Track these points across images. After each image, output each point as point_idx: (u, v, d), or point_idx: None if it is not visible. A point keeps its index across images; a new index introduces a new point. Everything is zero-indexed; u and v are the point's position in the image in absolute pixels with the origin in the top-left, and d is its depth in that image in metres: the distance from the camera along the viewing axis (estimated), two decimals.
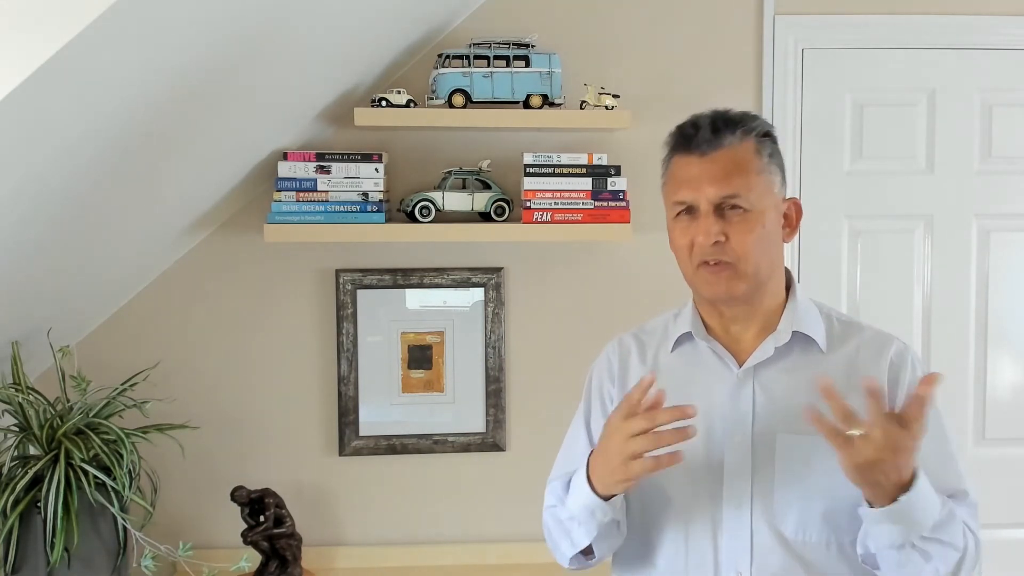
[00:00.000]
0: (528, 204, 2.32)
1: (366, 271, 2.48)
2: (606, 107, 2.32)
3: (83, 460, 2.01)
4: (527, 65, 2.31)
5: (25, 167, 1.49)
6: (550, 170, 2.32)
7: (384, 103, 2.29)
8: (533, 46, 2.33)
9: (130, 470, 2.07)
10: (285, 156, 2.30)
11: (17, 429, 2.09)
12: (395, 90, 2.30)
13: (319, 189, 2.29)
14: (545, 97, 2.32)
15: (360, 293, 2.48)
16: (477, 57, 2.31)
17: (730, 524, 1.47)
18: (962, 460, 1.50)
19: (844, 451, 1.29)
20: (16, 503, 1.98)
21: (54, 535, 1.98)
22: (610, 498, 1.44)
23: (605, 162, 2.34)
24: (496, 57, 2.31)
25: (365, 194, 2.30)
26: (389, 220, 2.35)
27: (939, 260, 2.61)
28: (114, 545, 2.11)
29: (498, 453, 2.53)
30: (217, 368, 2.48)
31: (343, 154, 2.31)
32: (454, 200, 2.35)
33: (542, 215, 2.32)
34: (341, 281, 2.47)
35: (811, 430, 1.32)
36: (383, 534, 2.52)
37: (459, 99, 2.29)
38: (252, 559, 2.29)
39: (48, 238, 1.81)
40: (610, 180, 2.33)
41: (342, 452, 2.50)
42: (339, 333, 2.48)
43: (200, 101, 1.77)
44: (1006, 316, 2.64)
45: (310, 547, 2.40)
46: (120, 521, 2.08)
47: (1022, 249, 2.64)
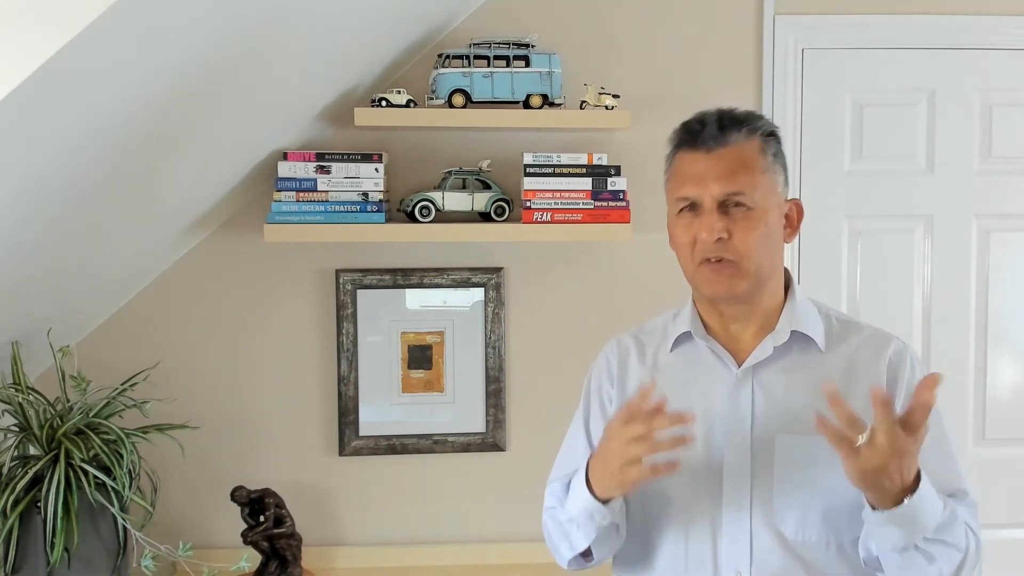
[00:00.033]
0: (528, 204, 2.32)
1: (366, 271, 2.48)
2: (606, 107, 2.32)
3: (83, 460, 2.01)
4: (527, 65, 2.31)
5: (25, 167, 1.49)
6: (550, 170, 2.32)
7: (384, 103, 2.29)
8: (533, 46, 2.33)
9: (130, 470, 2.07)
10: (285, 156, 2.30)
11: (17, 429, 2.09)
12: (395, 90, 2.30)
13: (319, 189, 2.29)
14: (545, 97, 2.32)
15: (360, 293, 2.48)
16: (477, 57, 2.31)
17: (730, 524, 1.47)
18: (962, 460, 1.50)
19: (850, 457, 1.28)
20: (16, 503, 1.98)
21: (54, 535, 1.98)
22: (609, 501, 1.44)
23: (605, 162, 2.34)
24: (496, 57, 2.31)
25: (365, 194, 2.30)
26: (389, 220, 2.35)
27: (939, 260, 2.61)
28: (114, 545, 2.11)
29: (498, 453, 2.53)
30: (217, 368, 2.48)
31: (343, 154, 2.31)
32: (454, 200, 2.35)
33: (542, 215, 2.32)
34: (341, 281, 2.47)
35: (810, 430, 1.31)
36: (383, 534, 2.53)
37: (459, 99, 2.29)
38: (252, 559, 2.29)
39: (48, 238, 1.81)
40: (610, 180, 2.33)
41: (342, 452, 2.50)
42: (339, 333, 2.48)
43: (200, 101, 1.77)
44: (1006, 316, 2.64)
45: (310, 547, 2.40)
46: (120, 521, 2.08)
47: (1022, 249, 2.64)
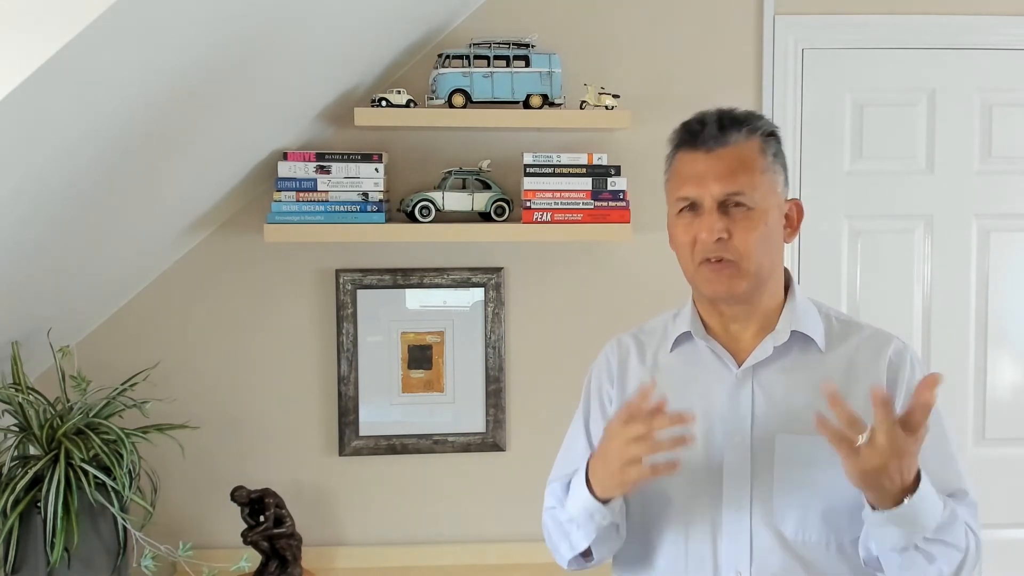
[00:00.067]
0: (528, 204, 2.32)
1: (366, 271, 2.48)
2: (606, 107, 2.32)
3: (83, 460, 2.01)
4: (527, 65, 2.31)
5: (25, 167, 1.49)
6: (550, 170, 2.32)
7: (384, 103, 2.29)
8: (533, 46, 2.33)
9: (130, 470, 2.07)
10: (285, 156, 2.30)
11: (17, 429, 2.09)
12: (395, 90, 2.30)
13: (319, 189, 2.29)
14: (545, 97, 2.32)
15: (360, 293, 2.48)
16: (477, 57, 2.31)
17: (730, 524, 1.47)
18: (962, 460, 1.50)
19: (850, 458, 1.28)
20: (16, 503, 1.98)
21: (54, 535, 1.98)
22: (609, 501, 1.43)
23: (605, 162, 2.34)
24: (496, 57, 2.31)
25: (365, 194, 2.30)
26: (389, 220, 2.35)
27: (939, 260, 2.61)
28: (114, 545, 2.11)
29: (498, 453, 2.53)
30: (217, 368, 2.48)
31: (343, 154, 2.31)
32: (454, 200, 2.35)
33: (542, 215, 2.32)
34: (341, 281, 2.47)
35: (810, 430, 1.31)
36: (383, 534, 2.52)
37: (459, 99, 2.29)
38: (252, 559, 2.29)
39: (48, 238, 1.81)
40: (610, 180, 2.33)
41: (342, 452, 2.50)
42: (339, 333, 2.48)
43: (200, 101, 1.77)
44: (1006, 316, 2.64)
45: (310, 547, 2.40)
46: (120, 521, 2.08)
47: (1022, 249, 2.64)
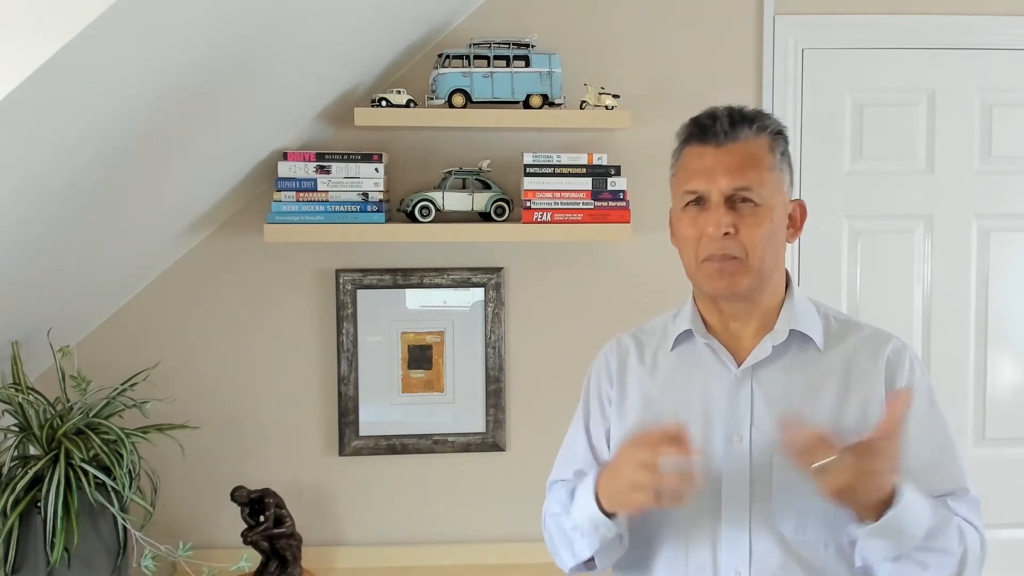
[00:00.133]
0: (528, 204, 2.32)
1: (366, 271, 2.48)
2: (606, 107, 2.32)
3: (83, 460, 2.01)
4: (527, 65, 2.31)
5: (25, 167, 1.49)
6: (550, 170, 2.32)
7: (384, 103, 2.29)
8: (533, 46, 2.33)
9: (130, 470, 2.07)
10: (285, 156, 2.30)
11: (17, 429, 2.09)
12: (395, 90, 2.30)
13: (319, 189, 2.29)
14: (545, 97, 2.32)
15: (360, 293, 2.48)
16: (477, 57, 2.31)
17: (729, 525, 1.47)
18: (964, 456, 1.51)
19: (818, 479, 1.31)
20: (16, 503, 1.98)
21: (54, 535, 1.97)
22: (615, 515, 1.43)
23: (605, 162, 2.34)
24: (496, 57, 2.31)
25: (365, 194, 2.30)
26: (389, 220, 2.35)
27: (939, 260, 2.61)
28: (114, 545, 2.11)
29: (498, 453, 2.53)
30: (217, 368, 2.48)
31: (343, 154, 2.31)
32: (454, 200, 2.35)
33: (542, 215, 2.32)
34: (341, 281, 2.47)
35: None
36: (383, 534, 2.52)
37: (459, 99, 2.29)
38: (252, 559, 2.29)
39: (48, 238, 1.81)
40: (610, 180, 2.33)
41: (342, 452, 2.50)
42: (339, 333, 2.48)
43: (200, 101, 1.77)
44: (1006, 316, 2.64)
45: (310, 547, 2.40)
46: (120, 521, 2.08)
47: (1022, 249, 2.64)
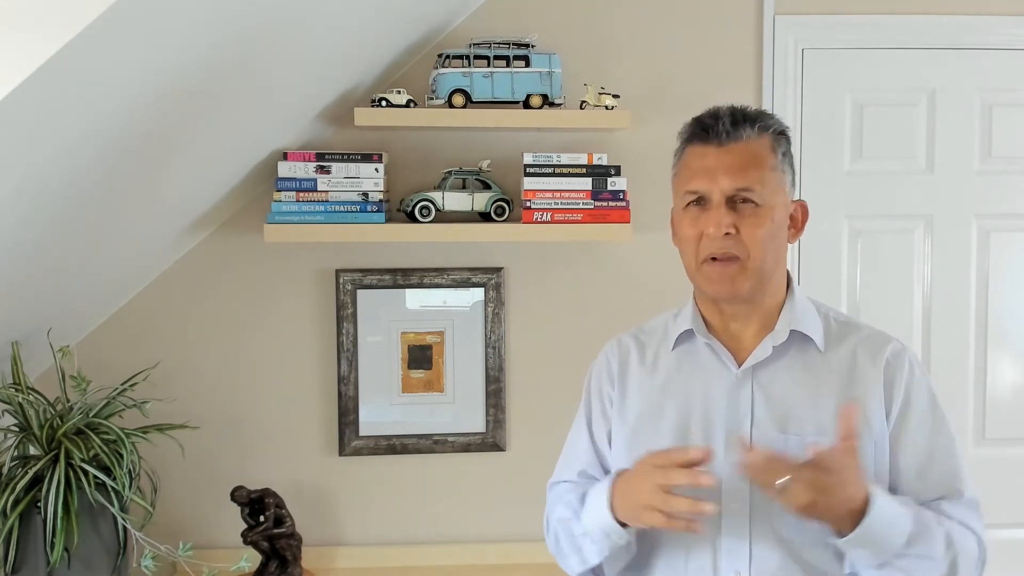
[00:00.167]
0: (528, 204, 2.32)
1: (366, 271, 2.48)
2: (606, 107, 2.32)
3: (83, 460, 2.01)
4: (527, 65, 2.31)
5: (25, 167, 1.49)
6: (550, 170, 2.32)
7: (384, 103, 2.29)
8: (533, 46, 2.33)
9: (130, 470, 2.07)
10: (285, 156, 2.30)
11: (17, 429, 2.09)
12: (395, 90, 2.30)
13: (319, 189, 2.29)
14: (545, 97, 2.32)
15: (360, 293, 2.48)
16: (477, 57, 2.31)
17: (729, 525, 1.47)
18: (963, 458, 1.50)
19: (780, 498, 1.32)
20: (16, 503, 1.98)
21: (54, 535, 1.97)
22: (627, 524, 1.44)
23: (605, 162, 2.33)
24: (496, 57, 2.31)
25: (365, 194, 2.30)
26: (389, 220, 2.35)
27: (939, 260, 2.61)
28: (114, 545, 2.11)
29: (498, 453, 2.53)
30: (217, 368, 2.48)
31: (343, 154, 2.31)
32: (454, 200, 2.35)
33: (542, 215, 2.32)
34: (341, 281, 2.47)
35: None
36: (383, 534, 2.52)
37: (459, 99, 2.29)
38: (252, 559, 2.29)
39: (48, 238, 1.81)
40: (610, 180, 2.33)
41: (342, 452, 2.50)
42: (339, 333, 2.48)
43: (200, 101, 1.77)
44: (1006, 316, 2.63)
45: (310, 547, 2.40)
46: (120, 521, 2.08)
47: (1022, 249, 2.64)
